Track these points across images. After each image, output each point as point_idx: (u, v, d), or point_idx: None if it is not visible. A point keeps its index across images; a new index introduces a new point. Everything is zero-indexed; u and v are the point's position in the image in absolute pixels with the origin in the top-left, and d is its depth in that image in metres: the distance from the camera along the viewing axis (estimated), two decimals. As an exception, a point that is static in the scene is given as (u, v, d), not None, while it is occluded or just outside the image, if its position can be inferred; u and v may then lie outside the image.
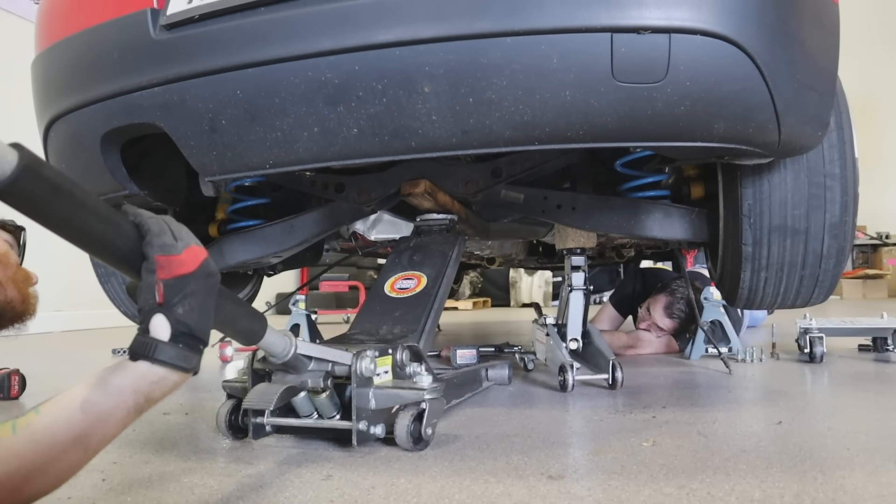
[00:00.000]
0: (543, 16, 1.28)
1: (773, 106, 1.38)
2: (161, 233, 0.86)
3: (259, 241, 2.28)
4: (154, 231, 0.86)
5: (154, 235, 0.85)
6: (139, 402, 0.84)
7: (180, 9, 1.52)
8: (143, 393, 0.84)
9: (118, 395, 0.83)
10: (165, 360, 0.84)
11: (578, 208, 2.11)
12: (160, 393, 0.86)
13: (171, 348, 0.84)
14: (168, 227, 0.87)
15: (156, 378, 0.84)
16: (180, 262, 0.85)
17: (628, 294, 3.37)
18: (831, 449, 1.28)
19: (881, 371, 2.33)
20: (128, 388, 0.84)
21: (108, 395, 0.83)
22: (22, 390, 2.14)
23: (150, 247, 0.85)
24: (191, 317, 0.85)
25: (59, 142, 1.81)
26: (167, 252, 0.85)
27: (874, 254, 9.33)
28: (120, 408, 0.83)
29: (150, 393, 0.85)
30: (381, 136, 1.42)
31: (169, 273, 0.84)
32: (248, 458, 1.32)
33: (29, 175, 0.72)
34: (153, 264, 0.84)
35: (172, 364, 0.84)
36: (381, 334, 1.64)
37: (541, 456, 1.27)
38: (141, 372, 0.84)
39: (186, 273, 0.85)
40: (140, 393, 0.84)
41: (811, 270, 1.85)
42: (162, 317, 0.84)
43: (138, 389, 0.84)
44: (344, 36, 1.36)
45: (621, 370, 1.98)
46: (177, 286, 0.84)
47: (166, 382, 0.86)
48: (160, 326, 0.84)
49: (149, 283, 0.84)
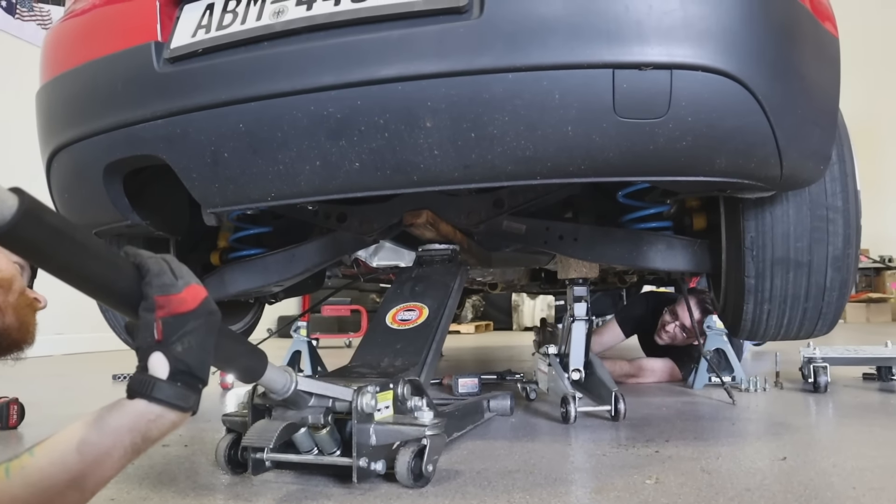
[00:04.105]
0: (545, 52, 1.29)
1: (774, 141, 1.38)
2: (160, 273, 0.85)
3: (261, 270, 2.28)
4: (154, 271, 0.85)
5: (153, 275, 0.85)
6: (136, 442, 0.83)
7: (184, 42, 1.53)
8: (141, 432, 0.83)
9: (115, 435, 0.82)
10: (163, 399, 0.83)
11: (580, 239, 2.10)
12: (157, 432, 0.85)
13: (169, 387, 0.83)
14: (168, 267, 0.87)
15: (153, 416, 0.83)
16: (180, 300, 0.85)
17: (636, 315, 3.33)
18: (837, 488, 1.26)
19: (886, 402, 2.31)
20: (125, 428, 0.82)
21: (104, 435, 0.82)
22: (21, 419, 2.13)
23: (149, 287, 0.84)
24: (189, 355, 0.85)
25: (63, 172, 1.81)
26: (166, 292, 0.84)
27: (877, 277, 9.32)
28: (117, 448, 0.82)
29: (148, 432, 0.84)
30: (383, 170, 1.42)
31: (168, 311, 0.84)
32: (248, 494, 1.31)
33: (29, 220, 0.72)
34: (152, 304, 0.83)
35: (170, 403, 0.83)
36: (383, 367, 1.63)
37: (543, 494, 1.26)
38: (138, 410, 0.83)
39: (186, 311, 0.85)
40: (137, 432, 0.83)
41: (814, 303, 1.84)
42: (160, 355, 0.83)
43: (135, 429, 0.83)
44: (346, 71, 1.37)
45: (624, 401, 1.97)
46: (175, 324, 0.84)
47: (163, 421, 0.84)
48: (158, 364, 0.83)
49: (147, 321, 0.83)
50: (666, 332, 2.98)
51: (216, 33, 1.50)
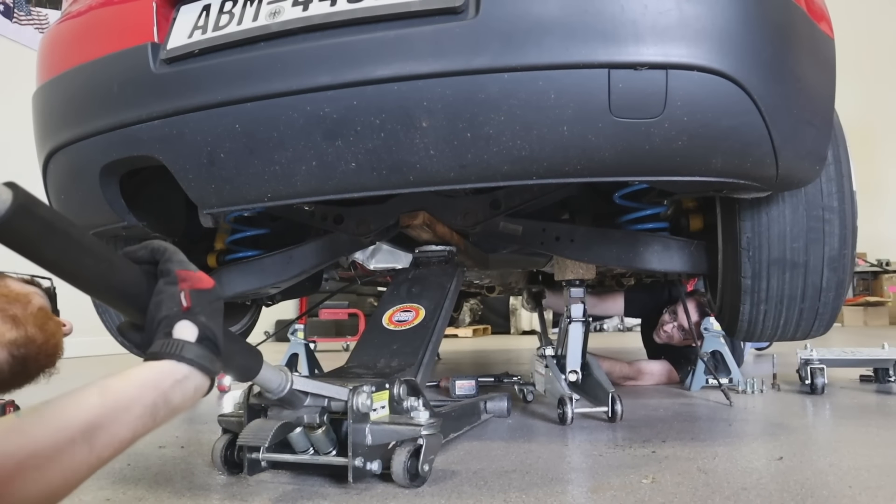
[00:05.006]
0: (541, 52, 1.29)
1: (770, 141, 1.38)
2: (177, 252, 0.90)
3: (257, 271, 2.28)
4: (171, 250, 0.90)
5: (172, 252, 0.90)
6: (157, 402, 0.80)
7: (180, 43, 1.53)
8: (164, 392, 0.81)
9: (140, 388, 0.80)
10: (192, 358, 0.83)
11: (577, 240, 2.11)
12: (180, 396, 0.83)
13: (197, 347, 0.84)
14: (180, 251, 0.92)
15: (180, 376, 0.83)
16: (199, 277, 0.89)
17: (644, 299, 3.27)
18: (833, 487, 1.26)
19: (883, 403, 2.31)
20: (150, 383, 0.80)
21: (129, 384, 0.79)
22: (17, 422, 2.12)
23: (170, 262, 0.88)
24: (213, 324, 0.87)
25: (59, 173, 1.81)
26: (187, 267, 0.89)
27: (875, 281, 9.33)
28: (138, 402, 0.79)
29: (171, 393, 0.82)
30: (380, 171, 1.42)
31: (191, 285, 0.87)
32: (243, 494, 1.31)
33: (23, 214, 0.72)
34: (175, 278, 0.87)
35: (198, 363, 0.84)
36: (379, 368, 1.63)
37: (539, 494, 1.26)
38: (165, 369, 0.82)
39: (205, 288, 0.89)
40: (161, 391, 0.81)
41: (811, 303, 1.85)
42: (188, 321, 0.85)
43: (160, 386, 0.81)
44: (342, 71, 1.37)
45: (621, 403, 1.97)
46: (200, 297, 0.87)
47: (188, 384, 0.84)
48: (186, 329, 0.85)
49: (171, 293, 0.86)
50: (664, 332, 2.99)
51: (213, 34, 1.50)
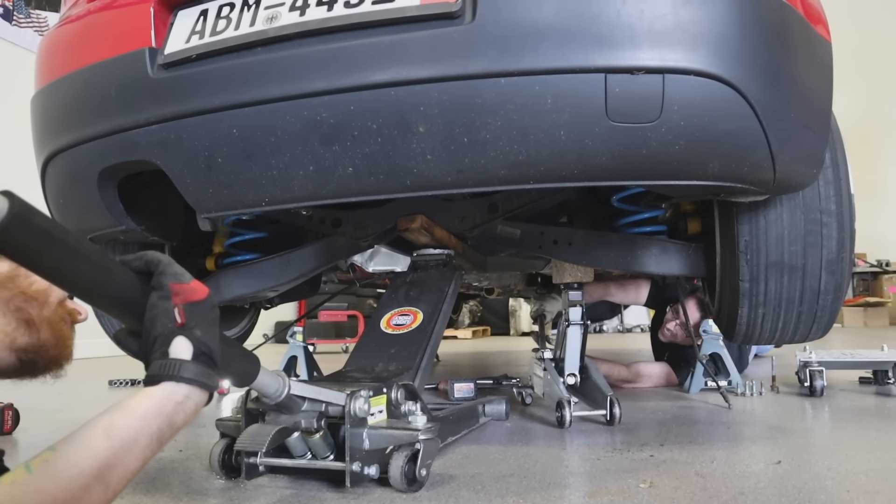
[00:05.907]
0: (538, 57, 1.29)
1: (767, 145, 1.38)
2: (171, 263, 0.89)
3: (256, 275, 2.28)
4: (165, 262, 0.89)
5: (166, 265, 0.88)
6: (162, 427, 0.82)
7: (178, 48, 1.53)
8: (167, 416, 0.83)
9: (143, 419, 0.81)
10: (191, 377, 0.84)
11: (575, 244, 2.11)
12: (182, 417, 0.85)
13: (194, 366, 0.84)
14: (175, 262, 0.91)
15: (180, 398, 0.84)
16: (192, 289, 0.88)
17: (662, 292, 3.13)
18: (831, 492, 1.26)
19: (882, 405, 2.31)
20: (152, 411, 0.82)
21: (132, 418, 0.80)
22: (15, 425, 2.12)
23: (163, 276, 0.87)
24: (208, 338, 0.87)
25: (57, 177, 1.81)
26: (180, 280, 0.88)
27: (874, 281, 9.32)
28: (144, 433, 0.80)
29: (174, 416, 0.83)
30: (377, 175, 1.42)
31: (184, 299, 0.87)
32: (241, 498, 1.31)
33: (20, 223, 0.72)
34: (168, 292, 0.86)
35: (197, 381, 0.84)
36: (377, 371, 1.63)
37: (536, 498, 1.26)
38: (165, 393, 0.83)
39: (199, 300, 0.88)
40: (164, 416, 0.82)
41: (809, 307, 1.85)
42: (183, 338, 0.85)
43: (162, 412, 0.82)
44: (340, 76, 1.37)
45: (619, 406, 1.97)
46: (193, 310, 0.87)
47: (188, 404, 0.85)
48: (182, 347, 0.85)
49: (165, 308, 0.86)
50: (668, 329, 2.98)
51: (210, 39, 1.50)
